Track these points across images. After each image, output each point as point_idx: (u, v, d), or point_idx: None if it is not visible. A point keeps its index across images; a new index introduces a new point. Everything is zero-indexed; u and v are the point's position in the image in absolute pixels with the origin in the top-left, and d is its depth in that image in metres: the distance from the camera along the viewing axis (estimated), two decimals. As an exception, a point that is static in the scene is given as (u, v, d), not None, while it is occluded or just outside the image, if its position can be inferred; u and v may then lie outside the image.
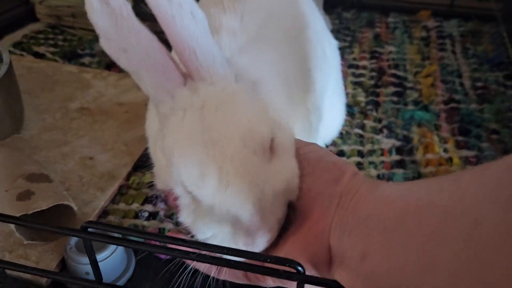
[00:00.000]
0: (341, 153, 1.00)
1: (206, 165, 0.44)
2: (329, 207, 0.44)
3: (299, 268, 0.44)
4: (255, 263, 0.47)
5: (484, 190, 0.30)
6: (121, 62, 0.45)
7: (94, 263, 0.54)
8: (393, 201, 0.37)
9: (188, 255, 0.46)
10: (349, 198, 0.43)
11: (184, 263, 0.75)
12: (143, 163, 0.95)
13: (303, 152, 0.50)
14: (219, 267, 0.53)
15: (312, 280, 0.44)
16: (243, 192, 0.44)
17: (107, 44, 0.44)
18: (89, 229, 0.51)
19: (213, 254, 0.46)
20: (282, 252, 0.47)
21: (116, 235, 0.56)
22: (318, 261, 0.45)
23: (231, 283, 0.73)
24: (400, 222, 0.35)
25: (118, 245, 0.68)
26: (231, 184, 0.44)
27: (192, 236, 0.52)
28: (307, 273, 0.44)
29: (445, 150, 0.99)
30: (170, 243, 0.49)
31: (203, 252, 0.46)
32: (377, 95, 1.20)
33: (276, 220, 0.46)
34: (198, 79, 0.46)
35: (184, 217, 0.50)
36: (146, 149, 0.95)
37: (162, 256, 0.77)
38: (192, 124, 0.45)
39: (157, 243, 0.61)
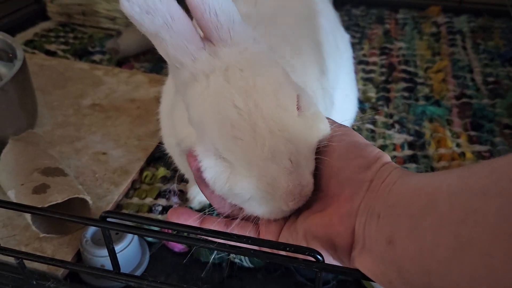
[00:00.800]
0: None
1: (240, 127, 0.44)
2: (358, 191, 0.43)
3: (319, 256, 0.44)
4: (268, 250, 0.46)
5: None
6: (144, 24, 0.45)
7: (112, 253, 0.54)
8: (422, 187, 0.37)
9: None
10: (379, 183, 0.42)
11: (197, 257, 0.76)
12: (156, 158, 0.96)
13: (337, 133, 0.50)
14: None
15: (331, 269, 0.44)
16: (279, 150, 0.44)
17: (129, 7, 0.44)
18: (108, 219, 0.52)
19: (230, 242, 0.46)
20: (302, 229, 0.46)
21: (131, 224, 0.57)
22: (339, 243, 0.44)
23: (246, 272, 0.74)
24: (430, 206, 0.34)
25: (137, 234, 0.68)
26: (266, 144, 0.43)
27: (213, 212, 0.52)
28: (325, 256, 0.43)
29: (458, 145, 0.99)
30: (188, 232, 0.49)
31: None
32: (388, 90, 1.20)
33: (310, 174, 0.46)
34: (218, 40, 0.46)
35: (220, 186, 0.48)
36: (159, 144, 0.95)
37: (176, 249, 0.78)
38: (218, 88, 0.45)
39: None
